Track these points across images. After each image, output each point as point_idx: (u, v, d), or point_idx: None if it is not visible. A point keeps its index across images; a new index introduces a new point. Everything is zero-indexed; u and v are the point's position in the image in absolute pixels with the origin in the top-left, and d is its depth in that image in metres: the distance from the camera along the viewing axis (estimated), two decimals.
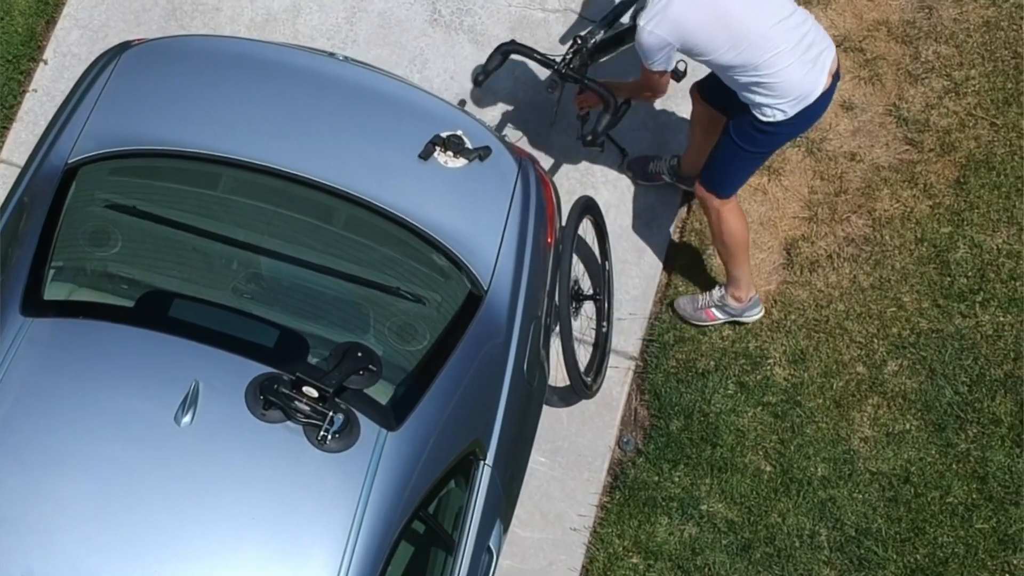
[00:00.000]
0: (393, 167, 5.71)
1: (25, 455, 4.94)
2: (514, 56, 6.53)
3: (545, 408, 6.26)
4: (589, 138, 6.27)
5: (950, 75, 7.17)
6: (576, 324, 6.46)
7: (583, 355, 6.55)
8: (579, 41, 6.47)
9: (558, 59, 6.43)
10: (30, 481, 4.89)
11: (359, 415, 5.13)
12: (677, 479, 6.53)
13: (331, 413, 5.02)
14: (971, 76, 7.17)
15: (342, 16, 7.29)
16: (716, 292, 6.65)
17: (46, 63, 7.19)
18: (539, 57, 6.44)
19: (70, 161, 5.66)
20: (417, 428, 5.23)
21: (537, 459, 6.49)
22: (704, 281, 6.84)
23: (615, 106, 6.25)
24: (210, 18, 7.26)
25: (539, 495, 6.54)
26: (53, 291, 5.44)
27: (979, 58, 7.20)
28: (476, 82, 6.63)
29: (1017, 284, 6.82)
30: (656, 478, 6.53)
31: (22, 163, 6.40)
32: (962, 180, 7.00)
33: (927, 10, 7.28)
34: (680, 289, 6.84)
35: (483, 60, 6.55)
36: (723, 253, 6.52)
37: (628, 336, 6.80)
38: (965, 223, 6.92)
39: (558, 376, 6.40)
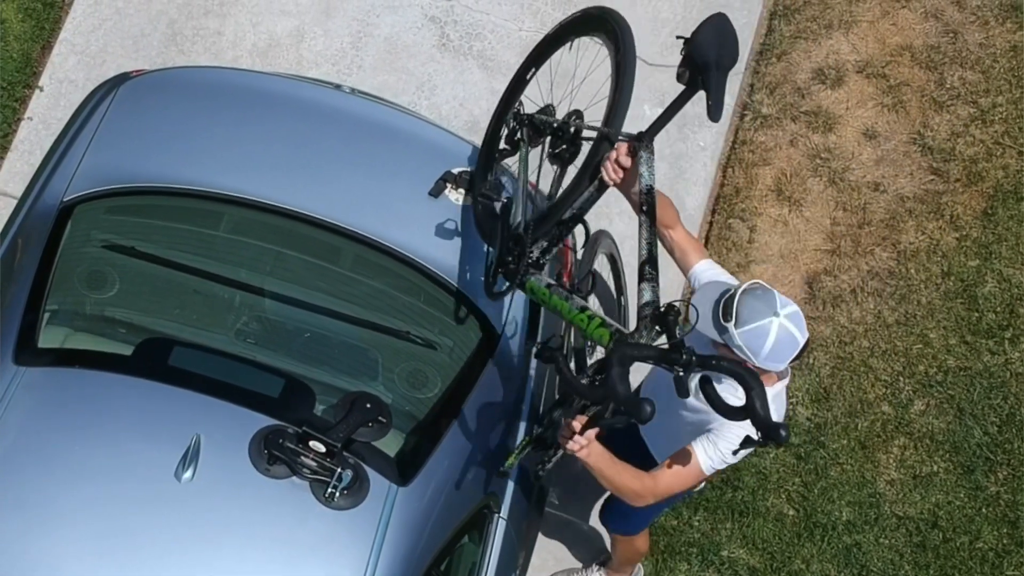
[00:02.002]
0: (402, 205, 5.49)
1: (13, 520, 4.72)
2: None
3: None
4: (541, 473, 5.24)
5: (976, 102, 6.96)
6: (591, 361, 6.24)
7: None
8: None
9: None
10: (21, 548, 4.67)
11: (368, 469, 4.91)
12: (697, 524, 6.31)
13: (339, 469, 4.81)
14: (998, 103, 6.96)
15: (347, 41, 7.08)
16: (596, 574, 6.24)
17: (42, 90, 6.98)
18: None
19: (65, 199, 5.45)
20: (429, 482, 5.02)
21: (551, 501, 6.28)
22: None
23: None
24: (211, 43, 7.05)
25: (553, 540, 6.32)
26: (48, 336, 5.23)
27: (1006, 84, 7.00)
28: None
29: None
30: (675, 522, 6.32)
31: (17, 194, 6.21)
32: (990, 211, 6.78)
33: (952, 35, 7.07)
34: None
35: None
36: (618, 561, 6.12)
37: (646, 372, 6.57)
38: (993, 256, 6.71)
39: None
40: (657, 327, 4.64)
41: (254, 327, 5.31)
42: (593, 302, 6.34)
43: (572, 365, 5.52)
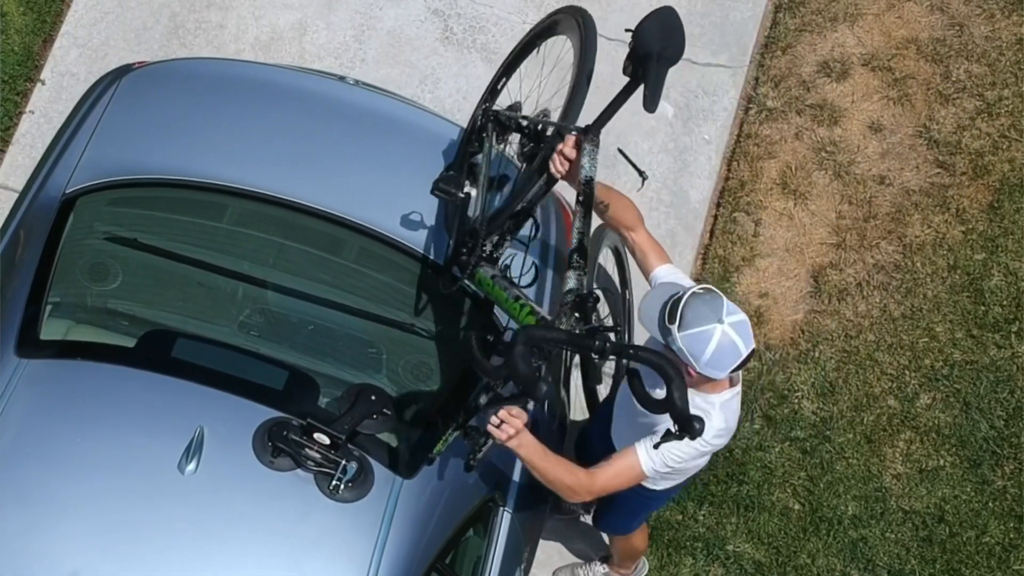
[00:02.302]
0: (406, 196, 5.45)
1: (16, 514, 4.68)
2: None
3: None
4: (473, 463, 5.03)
5: (982, 95, 6.92)
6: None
7: (603, 388, 6.30)
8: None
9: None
10: (24, 543, 4.63)
11: (373, 462, 4.87)
12: (702, 518, 6.28)
13: (343, 461, 4.77)
14: (1004, 96, 6.92)
15: (350, 35, 7.04)
16: (599, 569, 6.17)
17: (43, 83, 6.95)
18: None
19: (67, 191, 5.41)
20: (434, 475, 4.97)
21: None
22: None
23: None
24: (214, 36, 7.02)
25: (558, 534, 6.28)
26: (50, 328, 5.20)
27: (1012, 77, 6.96)
28: None
29: None
30: (680, 517, 6.28)
31: (19, 187, 6.17)
32: (996, 205, 6.75)
33: (958, 27, 7.04)
34: None
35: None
36: (619, 557, 6.05)
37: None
38: (999, 249, 6.67)
39: (576, 410, 6.15)
40: (576, 314, 4.64)
41: (257, 319, 5.28)
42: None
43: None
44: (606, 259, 6.34)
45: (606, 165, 6.83)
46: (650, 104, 4.81)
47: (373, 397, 4.95)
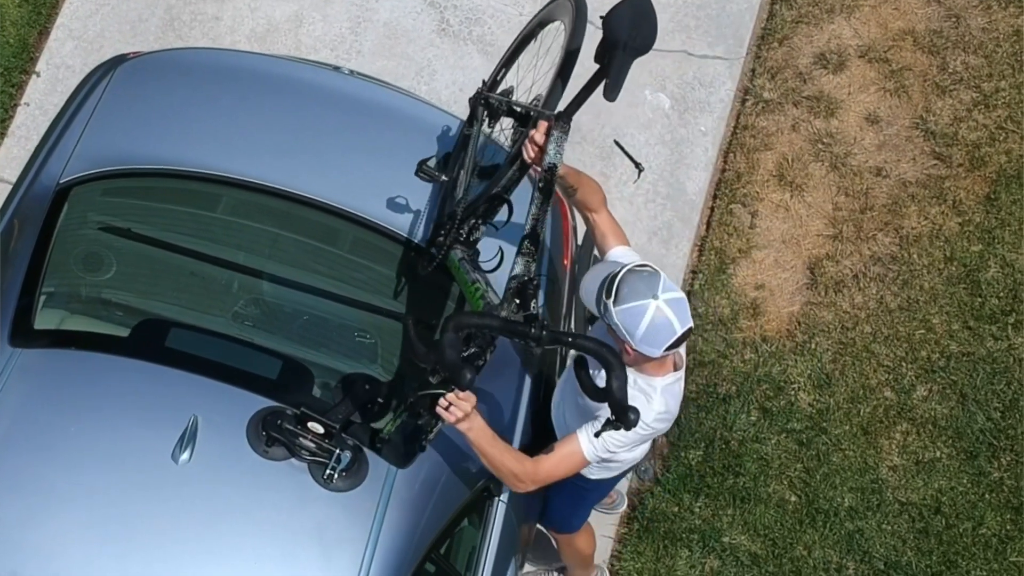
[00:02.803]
0: (399, 186, 5.44)
1: (11, 505, 4.67)
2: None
3: None
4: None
5: (979, 86, 6.91)
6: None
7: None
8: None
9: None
10: (20, 534, 4.62)
11: (367, 452, 4.86)
12: (698, 510, 6.27)
13: (337, 450, 4.75)
14: (1001, 88, 6.91)
15: (346, 26, 7.03)
16: None
17: (39, 75, 6.94)
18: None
19: (62, 181, 5.40)
20: (428, 464, 4.95)
21: None
22: (723, 302, 6.57)
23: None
24: (209, 28, 7.01)
25: None
26: (44, 318, 5.19)
27: (1009, 68, 6.95)
28: None
29: None
30: (676, 509, 6.27)
31: (13, 179, 6.15)
32: (993, 196, 6.74)
33: (954, 19, 7.03)
34: (700, 310, 6.57)
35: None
36: (570, 564, 6.01)
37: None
38: (996, 241, 6.66)
39: None
40: (517, 300, 4.65)
41: (252, 309, 5.27)
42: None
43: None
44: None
45: (603, 157, 6.86)
46: (610, 92, 4.76)
47: (367, 387, 4.95)
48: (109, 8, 7.03)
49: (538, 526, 5.74)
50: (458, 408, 4.61)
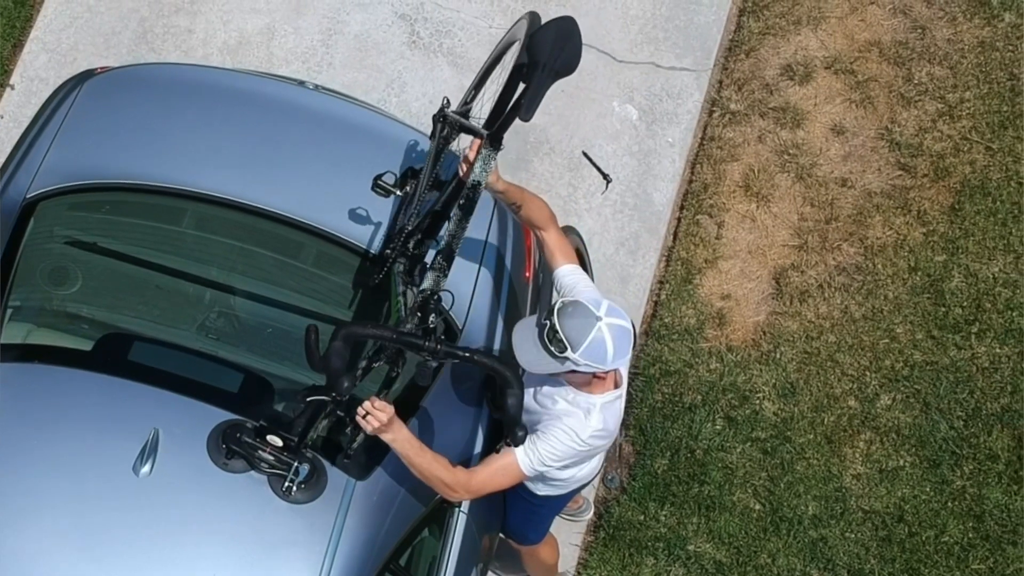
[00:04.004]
0: (362, 200, 5.49)
1: None
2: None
3: None
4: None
5: (944, 98, 6.97)
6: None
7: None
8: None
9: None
10: None
11: (326, 464, 4.92)
12: (663, 518, 6.32)
13: (296, 463, 4.81)
14: (966, 98, 6.97)
15: (317, 39, 7.09)
16: None
17: (13, 88, 7.00)
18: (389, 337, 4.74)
19: (28, 196, 5.46)
20: (387, 476, 5.01)
21: None
22: (689, 312, 6.63)
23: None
24: (182, 40, 7.07)
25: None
26: (10, 332, 5.24)
27: (974, 80, 7.01)
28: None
29: (1014, 314, 6.61)
30: (641, 517, 6.33)
31: None
32: (957, 206, 6.80)
33: (920, 31, 7.09)
34: (666, 320, 6.63)
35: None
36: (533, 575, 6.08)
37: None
38: (960, 251, 6.72)
39: None
40: (419, 313, 4.72)
41: (216, 322, 5.32)
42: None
43: None
44: None
45: (571, 168, 6.92)
46: (525, 113, 4.76)
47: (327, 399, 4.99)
48: (83, 21, 7.09)
49: (502, 536, 5.79)
50: (374, 417, 4.66)
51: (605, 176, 6.74)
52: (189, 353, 5.19)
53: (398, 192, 5.23)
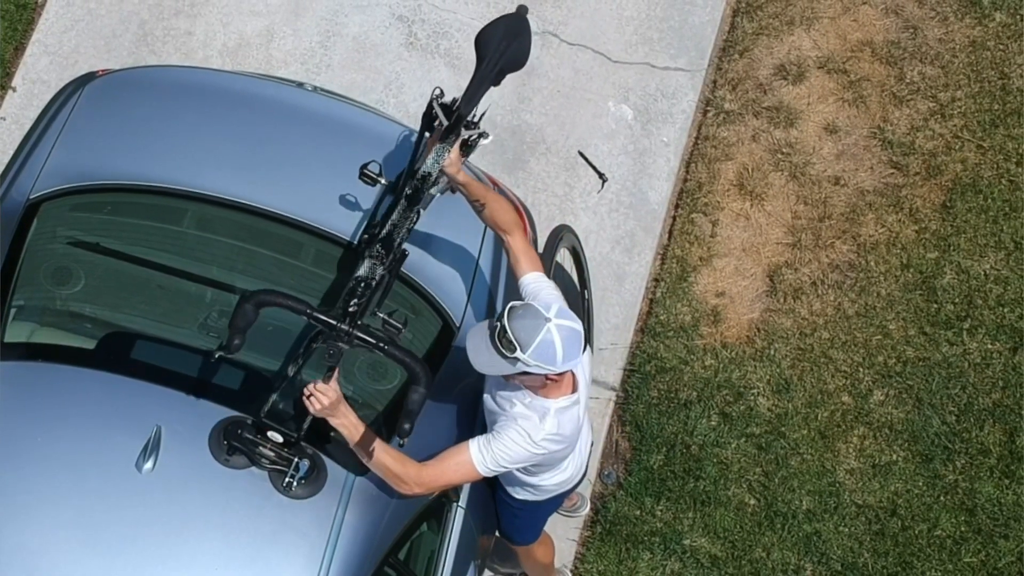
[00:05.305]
0: (363, 200, 5.57)
1: None
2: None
3: None
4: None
5: (936, 96, 7.04)
6: None
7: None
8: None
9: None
10: None
11: (326, 459, 4.99)
12: (659, 513, 6.40)
13: (296, 458, 4.88)
14: (957, 97, 7.04)
15: (316, 41, 7.16)
16: None
17: (15, 90, 7.07)
18: (305, 312, 4.79)
19: (32, 197, 5.53)
20: None
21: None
22: (684, 309, 6.70)
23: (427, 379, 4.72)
24: (182, 43, 7.14)
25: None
26: (14, 331, 5.30)
27: (965, 79, 7.08)
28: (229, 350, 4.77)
29: (1005, 310, 6.68)
30: (638, 512, 6.40)
31: None
32: (948, 204, 6.87)
33: (912, 30, 7.16)
34: (662, 317, 6.70)
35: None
36: (530, 573, 6.11)
37: (609, 366, 6.67)
38: (952, 248, 6.79)
39: None
40: (346, 297, 4.77)
41: (217, 321, 5.38)
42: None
43: None
44: (564, 259, 6.47)
45: (567, 167, 6.99)
46: (464, 105, 4.77)
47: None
48: (84, 24, 7.16)
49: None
50: (316, 399, 4.68)
51: (601, 175, 6.82)
52: (191, 351, 5.25)
53: (383, 181, 5.26)
